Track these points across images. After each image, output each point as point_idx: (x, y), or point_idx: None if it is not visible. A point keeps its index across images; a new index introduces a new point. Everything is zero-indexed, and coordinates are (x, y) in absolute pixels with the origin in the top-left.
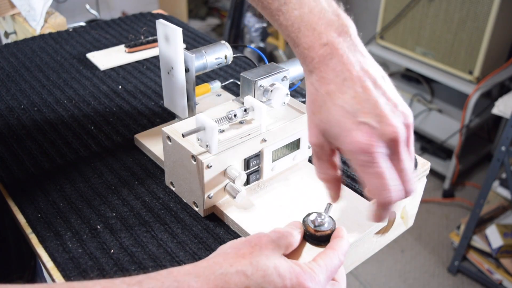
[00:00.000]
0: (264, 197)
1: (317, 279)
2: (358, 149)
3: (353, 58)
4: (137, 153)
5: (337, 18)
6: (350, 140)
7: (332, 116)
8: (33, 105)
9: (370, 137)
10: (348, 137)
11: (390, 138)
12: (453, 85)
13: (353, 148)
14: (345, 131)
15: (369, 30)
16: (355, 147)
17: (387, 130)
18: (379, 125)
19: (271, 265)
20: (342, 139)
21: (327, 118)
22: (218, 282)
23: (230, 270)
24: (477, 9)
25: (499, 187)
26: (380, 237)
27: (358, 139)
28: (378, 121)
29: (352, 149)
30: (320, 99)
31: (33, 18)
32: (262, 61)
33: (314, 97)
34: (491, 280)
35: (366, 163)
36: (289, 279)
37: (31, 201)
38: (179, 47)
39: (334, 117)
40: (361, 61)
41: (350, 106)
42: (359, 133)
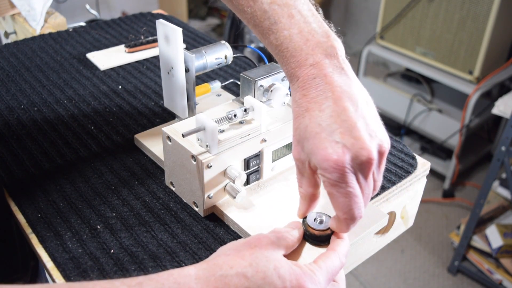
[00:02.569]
0: (264, 197)
1: (317, 280)
2: (330, 167)
3: (337, 79)
4: (137, 153)
5: (327, 40)
6: (323, 157)
7: (309, 132)
8: (33, 105)
9: (343, 157)
10: (322, 154)
11: (362, 161)
12: (453, 85)
13: (326, 166)
14: (320, 148)
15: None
16: (327, 164)
17: (360, 153)
18: (354, 147)
19: (271, 267)
20: (316, 155)
21: (304, 134)
22: (218, 284)
23: (230, 272)
24: (477, 9)
25: (499, 187)
26: (380, 237)
27: (332, 157)
28: (353, 144)
29: (325, 166)
30: (300, 116)
31: (33, 18)
32: (262, 61)
33: (296, 113)
34: (491, 280)
35: (336, 182)
36: (289, 281)
37: (31, 201)
38: (179, 47)
39: (310, 133)
40: (346, 83)
41: (327, 124)
42: (333, 151)
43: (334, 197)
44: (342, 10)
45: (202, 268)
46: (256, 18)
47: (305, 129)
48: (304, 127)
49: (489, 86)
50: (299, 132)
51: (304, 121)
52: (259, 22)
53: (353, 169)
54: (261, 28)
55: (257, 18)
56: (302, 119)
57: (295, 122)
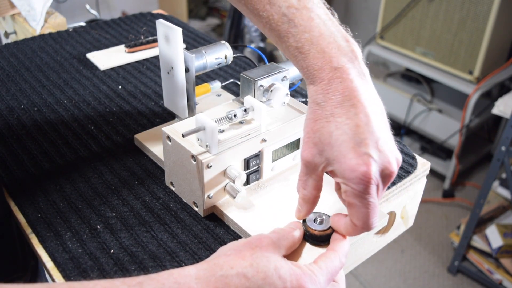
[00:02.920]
0: (264, 197)
1: (317, 281)
2: (356, 177)
3: (361, 86)
4: (137, 153)
5: (347, 44)
6: (350, 167)
7: (335, 139)
8: (33, 105)
9: (371, 169)
10: (349, 164)
11: (386, 174)
12: (453, 85)
13: (352, 176)
14: (347, 158)
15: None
16: (354, 175)
17: (386, 167)
18: (380, 160)
19: (271, 267)
20: (341, 164)
21: (328, 140)
22: (218, 284)
23: (230, 272)
24: (477, 9)
25: (499, 187)
26: (380, 237)
27: (360, 169)
28: (379, 156)
29: (351, 176)
30: (323, 119)
31: (33, 18)
32: (262, 61)
33: (317, 115)
34: (491, 280)
35: (360, 193)
36: (289, 281)
37: (31, 201)
38: (179, 47)
39: (336, 141)
40: (368, 91)
41: (354, 133)
42: (362, 163)
43: (355, 207)
44: (342, 10)
45: (203, 268)
46: (273, 22)
47: (330, 135)
48: (329, 132)
49: (489, 86)
50: (320, 136)
51: (328, 126)
52: (276, 26)
53: (377, 181)
54: (278, 32)
55: (274, 21)
56: (326, 123)
57: (315, 124)
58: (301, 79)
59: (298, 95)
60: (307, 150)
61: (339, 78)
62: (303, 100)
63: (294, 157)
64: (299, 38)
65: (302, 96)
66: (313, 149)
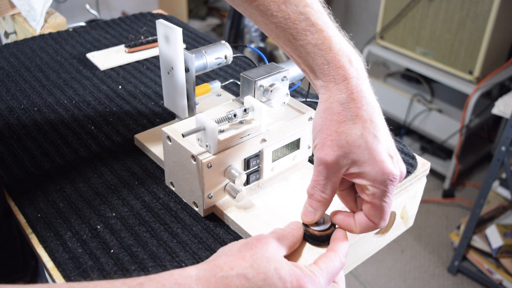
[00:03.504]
0: (264, 197)
1: (318, 281)
2: (387, 179)
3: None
4: (137, 153)
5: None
6: (381, 169)
7: (365, 142)
8: (33, 105)
9: (397, 172)
10: (381, 166)
11: (402, 177)
12: (453, 85)
13: (383, 178)
14: (378, 160)
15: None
16: (385, 177)
17: (403, 170)
18: (399, 164)
19: (272, 268)
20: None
21: (358, 143)
22: (219, 285)
23: (231, 273)
24: (477, 9)
25: (499, 187)
26: (380, 237)
27: (391, 171)
28: (398, 160)
29: (382, 178)
30: (349, 121)
31: (33, 18)
32: (262, 61)
33: (342, 116)
34: (491, 280)
35: (382, 193)
36: (289, 282)
37: (31, 201)
38: (179, 47)
39: (366, 144)
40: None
41: (381, 137)
42: (392, 166)
43: (378, 207)
44: (342, 10)
45: (203, 269)
46: (290, 21)
47: (359, 138)
48: (357, 135)
49: (489, 86)
50: (347, 138)
51: (355, 128)
52: (292, 24)
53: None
54: (294, 30)
55: (290, 20)
56: (353, 125)
57: (340, 126)
58: (301, 79)
59: (298, 95)
60: (330, 153)
61: (361, 80)
62: (303, 100)
63: (294, 157)
64: (318, 35)
65: (302, 96)
66: (338, 151)
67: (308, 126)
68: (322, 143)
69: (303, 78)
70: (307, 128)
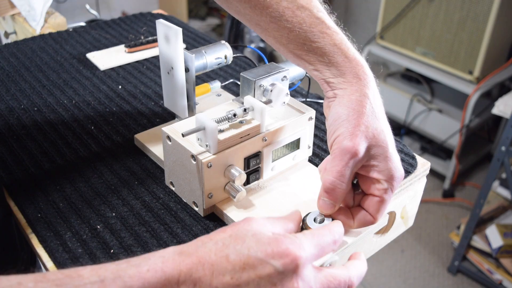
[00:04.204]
0: (264, 197)
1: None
2: (400, 177)
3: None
4: (137, 153)
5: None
6: (396, 167)
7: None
8: (33, 105)
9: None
10: (395, 164)
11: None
12: (453, 85)
13: (397, 175)
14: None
15: (369, 30)
16: (397, 174)
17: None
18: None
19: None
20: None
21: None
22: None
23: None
24: (477, 9)
25: (499, 187)
26: (380, 237)
27: (401, 169)
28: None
29: (396, 175)
30: (373, 115)
31: (33, 18)
32: (262, 61)
33: (369, 110)
34: (491, 280)
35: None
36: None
37: (31, 201)
38: (179, 47)
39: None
40: None
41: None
42: (401, 164)
43: (385, 202)
44: (342, 10)
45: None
46: (305, 25)
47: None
48: (381, 130)
49: (489, 86)
50: (374, 132)
51: (379, 124)
52: (308, 28)
53: None
54: (310, 33)
55: (306, 24)
56: (376, 120)
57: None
58: (301, 79)
59: (298, 95)
60: (358, 144)
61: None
62: (303, 100)
63: (294, 157)
64: (335, 36)
65: (302, 96)
66: (365, 143)
67: (308, 126)
68: (351, 132)
69: (303, 78)
70: (307, 128)
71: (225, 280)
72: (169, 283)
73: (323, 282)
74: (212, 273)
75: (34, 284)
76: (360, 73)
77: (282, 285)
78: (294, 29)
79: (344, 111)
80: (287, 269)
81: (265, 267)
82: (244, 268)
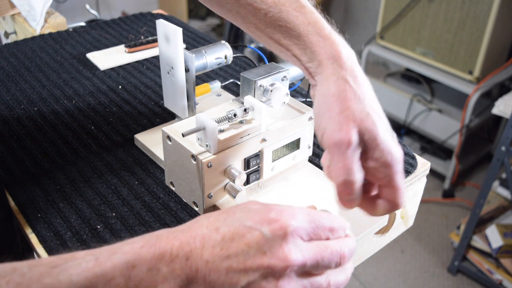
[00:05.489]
0: (264, 197)
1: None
2: (400, 158)
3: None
4: (137, 153)
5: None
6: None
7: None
8: (33, 105)
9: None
10: (394, 146)
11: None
12: (453, 85)
13: (397, 157)
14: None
15: (369, 30)
16: (398, 156)
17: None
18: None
19: (241, 207)
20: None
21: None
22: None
23: (202, 218)
24: (477, 9)
25: (499, 187)
26: (380, 237)
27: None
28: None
29: (396, 158)
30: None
31: (33, 18)
32: (262, 61)
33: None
34: (491, 280)
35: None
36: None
37: (31, 201)
38: (179, 47)
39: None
40: None
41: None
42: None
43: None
44: (342, 10)
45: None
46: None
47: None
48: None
49: (489, 86)
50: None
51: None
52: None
53: None
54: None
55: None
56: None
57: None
58: (301, 79)
59: (298, 95)
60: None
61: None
62: (303, 100)
63: (294, 157)
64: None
65: (302, 96)
66: (355, 128)
67: (308, 126)
68: (338, 122)
69: (303, 78)
70: (307, 128)
71: (215, 252)
72: (163, 257)
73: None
74: (203, 245)
75: (29, 268)
76: (335, 53)
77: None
78: (269, 10)
79: (325, 100)
80: (275, 235)
81: (253, 234)
82: (233, 238)
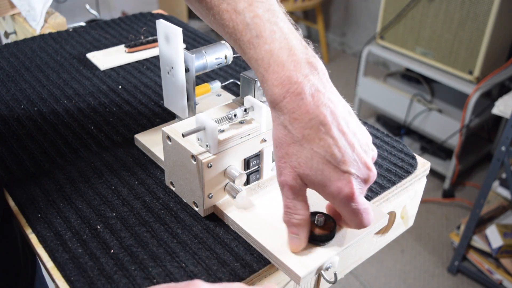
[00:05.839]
0: (264, 197)
1: None
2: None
3: (324, 97)
4: (137, 153)
5: (307, 56)
6: (334, 189)
7: (314, 163)
8: (33, 105)
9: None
10: (333, 186)
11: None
12: (453, 85)
13: (339, 197)
14: (329, 180)
15: (369, 30)
16: (339, 195)
17: (368, 175)
18: (360, 172)
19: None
20: (326, 188)
21: (308, 164)
22: None
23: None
24: (477, 9)
25: (499, 187)
26: (380, 237)
27: (343, 189)
28: (359, 168)
29: (338, 197)
30: (296, 143)
31: (33, 18)
32: None
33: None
34: (491, 280)
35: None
36: None
37: (31, 201)
38: (179, 47)
39: (316, 165)
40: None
41: (331, 155)
42: (344, 182)
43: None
44: (342, 10)
45: None
46: (238, 32)
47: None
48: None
49: (489, 86)
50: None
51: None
52: (240, 36)
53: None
54: (242, 42)
55: (238, 31)
56: (301, 148)
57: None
58: None
59: None
60: (288, 175)
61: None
62: None
63: None
64: (259, 49)
65: None
66: (293, 173)
67: None
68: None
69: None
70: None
71: None
72: None
73: None
74: None
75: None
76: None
77: None
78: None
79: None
80: None
81: None
82: None
